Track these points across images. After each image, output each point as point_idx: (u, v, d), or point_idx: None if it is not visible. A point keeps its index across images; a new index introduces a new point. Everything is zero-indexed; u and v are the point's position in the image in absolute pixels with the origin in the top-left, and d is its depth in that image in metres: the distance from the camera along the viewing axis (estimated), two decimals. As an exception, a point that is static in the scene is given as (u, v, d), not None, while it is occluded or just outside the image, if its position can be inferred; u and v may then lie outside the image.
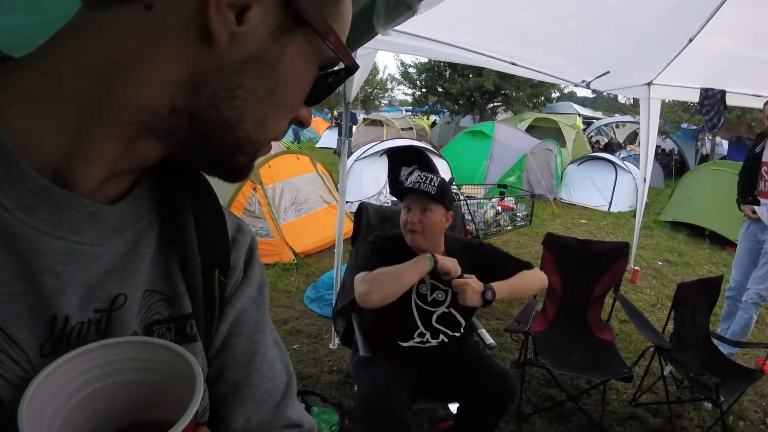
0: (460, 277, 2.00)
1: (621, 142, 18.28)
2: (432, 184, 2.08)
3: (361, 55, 3.01)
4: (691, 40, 3.29)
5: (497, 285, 2.06)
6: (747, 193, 3.74)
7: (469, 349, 2.30)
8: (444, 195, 2.11)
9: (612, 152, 13.02)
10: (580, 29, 3.22)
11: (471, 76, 17.60)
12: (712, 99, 4.25)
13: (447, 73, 18.97)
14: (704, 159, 14.43)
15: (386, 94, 34.69)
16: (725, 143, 15.58)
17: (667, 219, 8.53)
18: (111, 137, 0.43)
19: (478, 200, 6.54)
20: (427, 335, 2.15)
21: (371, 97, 32.95)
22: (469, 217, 5.88)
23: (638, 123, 17.15)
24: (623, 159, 10.78)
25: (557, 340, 3.21)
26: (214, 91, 0.44)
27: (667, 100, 5.48)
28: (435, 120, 24.02)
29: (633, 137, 18.50)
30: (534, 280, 2.23)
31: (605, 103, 26.42)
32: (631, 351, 3.80)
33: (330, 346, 3.54)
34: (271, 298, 2.77)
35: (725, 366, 3.07)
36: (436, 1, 1.95)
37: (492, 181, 9.05)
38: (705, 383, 2.60)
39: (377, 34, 2.25)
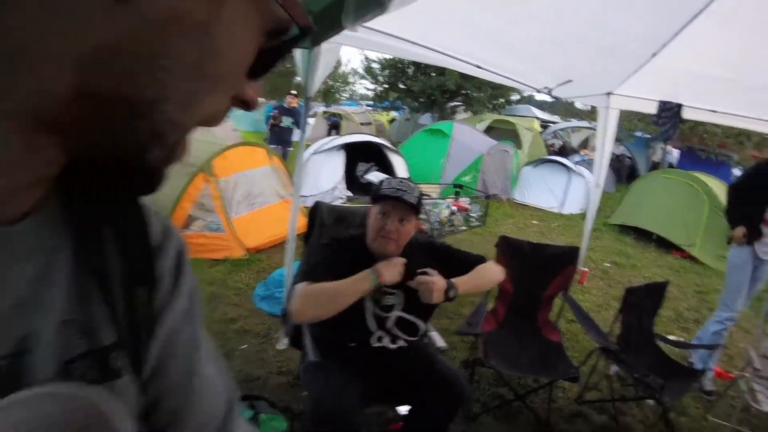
0: (424, 273, 1.97)
1: (575, 146, 18.71)
2: (413, 193, 2.03)
3: (325, 49, 2.94)
4: (654, 55, 3.37)
5: (459, 281, 2.04)
6: (743, 217, 3.64)
7: (420, 352, 2.29)
8: (421, 205, 2.08)
9: (566, 156, 13.34)
10: (548, 36, 3.26)
11: (433, 74, 17.66)
12: (669, 111, 4.35)
13: (410, 71, 18.97)
14: (655, 166, 15.07)
15: (348, 88, 34.42)
16: (676, 152, 16.29)
17: (616, 222, 8.82)
18: (8, 134, 0.35)
19: (434, 200, 6.57)
20: (386, 339, 2.11)
21: (332, 90, 32.66)
22: (425, 216, 5.89)
23: (592, 128, 17.70)
24: (577, 163, 11.06)
25: (507, 340, 3.25)
26: (130, 63, 0.35)
27: (625, 110, 5.64)
28: (394, 116, 24.04)
29: (587, 142, 19.01)
30: (491, 272, 2.23)
31: (563, 107, 27.02)
32: (577, 350, 3.89)
33: (278, 347, 3.45)
34: (219, 295, 2.69)
35: (669, 366, 3.20)
36: (408, 0, 1.91)
37: (448, 179, 9.11)
38: (650, 384, 2.69)
39: (344, 29, 2.20)
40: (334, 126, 15.53)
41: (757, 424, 3.20)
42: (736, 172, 16.27)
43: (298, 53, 3.08)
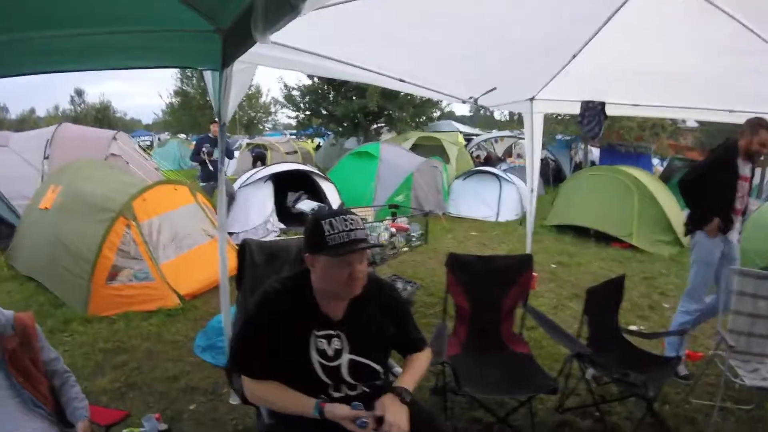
0: (380, 419, 1.72)
1: (500, 155, 19.25)
2: (360, 227, 1.79)
3: (238, 70, 2.72)
4: (575, 56, 3.37)
5: (409, 384, 1.89)
6: (710, 210, 3.55)
7: (387, 393, 2.04)
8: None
9: (493, 165, 13.60)
10: (469, 46, 3.19)
11: (354, 98, 17.65)
12: (593, 110, 4.43)
13: (330, 95, 18.89)
14: (578, 166, 15.68)
15: (270, 118, 34.01)
16: (595, 150, 17.09)
17: (552, 223, 9.00)
18: None
19: (371, 223, 6.39)
20: (344, 389, 1.85)
21: (254, 121, 32.18)
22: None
23: (515, 137, 18.27)
24: (505, 171, 11.26)
25: (474, 361, 3.06)
26: None
27: (547, 114, 5.73)
28: (319, 143, 23.90)
29: (510, 151, 19.64)
30: (427, 363, 2.11)
31: (483, 119, 27.88)
32: (545, 357, 3.77)
33: (231, 402, 3.10)
34: (156, 351, 2.30)
35: (643, 359, 3.14)
36: (322, 1, 1.71)
37: (380, 201, 8.97)
38: (633, 382, 2.61)
39: (255, 42, 1.98)
40: (260, 157, 15.18)
41: (739, 397, 3.25)
42: (656, 161, 17.21)
43: (208, 76, 2.82)
